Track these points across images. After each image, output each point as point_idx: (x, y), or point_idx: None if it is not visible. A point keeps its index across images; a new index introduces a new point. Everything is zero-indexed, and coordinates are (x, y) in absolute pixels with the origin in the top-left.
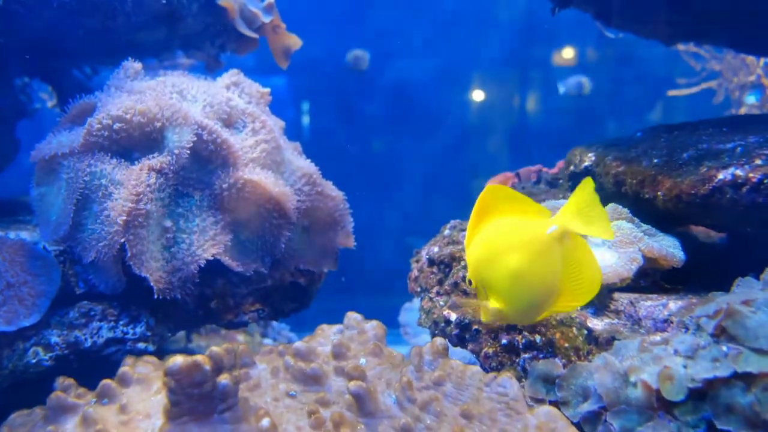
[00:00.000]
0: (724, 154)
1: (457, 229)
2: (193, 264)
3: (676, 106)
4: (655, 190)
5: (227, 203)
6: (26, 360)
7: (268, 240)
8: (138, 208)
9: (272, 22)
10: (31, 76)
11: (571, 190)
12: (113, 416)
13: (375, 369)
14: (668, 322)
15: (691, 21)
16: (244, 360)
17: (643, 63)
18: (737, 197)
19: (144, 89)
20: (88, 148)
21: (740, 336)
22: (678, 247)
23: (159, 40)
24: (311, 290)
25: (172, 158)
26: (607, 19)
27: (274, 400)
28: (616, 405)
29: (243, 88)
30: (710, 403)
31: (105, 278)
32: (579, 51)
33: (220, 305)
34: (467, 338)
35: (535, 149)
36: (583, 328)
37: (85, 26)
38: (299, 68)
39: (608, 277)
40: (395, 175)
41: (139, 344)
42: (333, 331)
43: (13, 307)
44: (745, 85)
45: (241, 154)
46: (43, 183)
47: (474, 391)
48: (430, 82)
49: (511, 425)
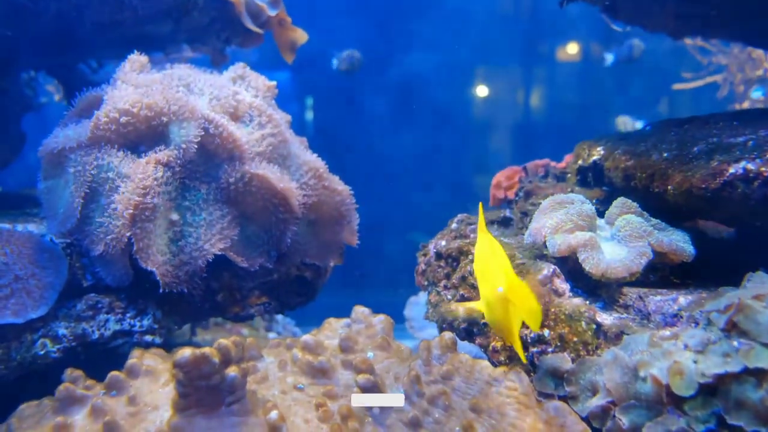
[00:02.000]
0: (735, 147)
1: (465, 223)
2: (201, 259)
3: (681, 102)
4: (665, 184)
5: (234, 197)
6: (34, 352)
7: (274, 234)
8: (145, 202)
9: (278, 16)
10: (37, 70)
11: (579, 184)
12: (122, 408)
13: (383, 363)
14: (678, 316)
15: (699, 14)
16: (251, 353)
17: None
18: (748, 191)
19: (151, 83)
20: (96, 141)
21: (752, 331)
22: (688, 242)
23: (165, 34)
24: (317, 284)
25: (179, 152)
26: (615, 13)
27: (281, 393)
28: (626, 400)
29: (249, 82)
30: (721, 399)
31: (112, 271)
32: (583, 46)
33: (227, 298)
34: (475, 332)
35: (540, 144)
36: (592, 322)
37: (93, 20)
38: (303, 63)
39: (617, 271)
40: (400, 170)
41: (147, 337)
42: (340, 325)
43: (21, 299)
44: (750, 79)
45: (248, 147)
46: (50, 176)
47: (483, 386)
48: (436, 77)
49: (520, 419)
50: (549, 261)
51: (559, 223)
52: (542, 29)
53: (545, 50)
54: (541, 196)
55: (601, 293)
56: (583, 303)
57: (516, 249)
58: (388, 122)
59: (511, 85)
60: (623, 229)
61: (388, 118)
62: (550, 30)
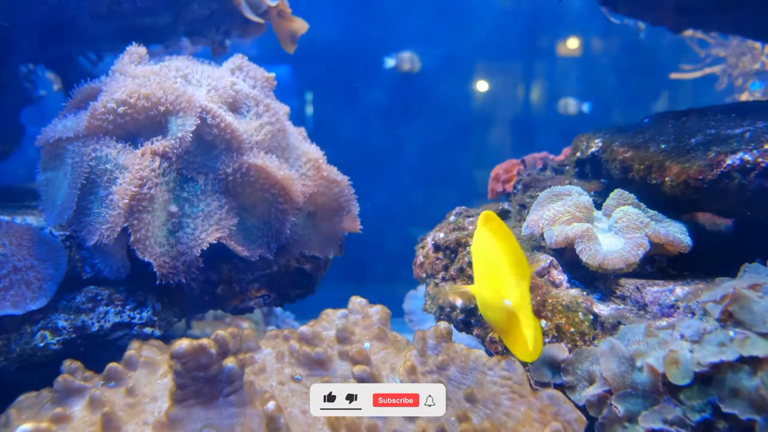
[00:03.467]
0: (732, 139)
1: (463, 215)
2: (196, 248)
3: (681, 96)
4: (662, 175)
5: (232, 188)
6: (33, 343)
7: (273, 225)
8: (142, 192)
9: (278, 7)
10: (35, 63)
11: (578, 176)
12: (120, 399)
13: (379, 353)
14: (675, 307)
15: (698, 6)
16: (249, 344)
17: (648, 52)
18: (746, 182)
19: (148, 74)
20: (93, 132)
21: (747, 320)
22: (685, 233)
23: (164, 26)
24: (316, 276)
25: (176, 142)
26: (614, 6)
27: (279, 384)
28: (622, 389)
29: (248, 73)
30: (716, 387)
31: (109, 263)
32: (584, 40)
33: (226, 291)
34: (473, 323)
35: (539, 138)
36: (589, 313)
37: (91, 11)
38: (302, 56)
39: (614, 262)
40: (399, 164)
41: (146, 329)
42: (337, 316)
43: (20, 291)
44: (749, 72)
45: (246, 137)
46: (48, 168)
47: (478, 375)
48: (435, 71)
49: (514, 408)
50: (547, 252)
51: (557, 214)
52: (542, 23)
53: (545, 44)
54: (539, 188)
55: (599, 284)
56: (580, 294)
57: None
58: (387, 116)
59: (511, 80)
60: (620, 220)
61: (387, 112)
62: (550, 24)
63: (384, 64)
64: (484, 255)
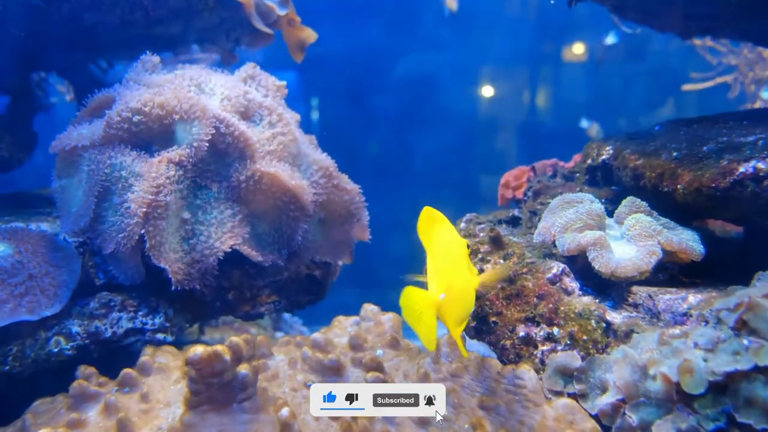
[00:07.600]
0: (745, 147)
1: (473, 222)
2: (212, 256)
3: (689, 102)
4: (674, 183)
5: (244, 195)
6: (48, 349)
7: (284, 232)
8: (158, 200)
9: (287, 16)
10: (47, 71)
11: (588, 183)
12: (135, 404)
13: (392, 360)
14: (688, 315)
15: (708, 13)
16: (262, 351)
17: (656, 58)
18: (759, 190)
19: (162, 82)
20: (109, 140)
21: (761, 329)
22: (698, 241)
23: (175, 34)
24: (326, 282)
25: (191, 150)
26: (624, 13)
27: (292, 391)
28: (635, 398)
29: (260, 81)
30: (731, 397)
31: (124, 269)
32: (590, 46)
33: (237, 297)
34: (485, 330)
35: (546, 145)
36: (602, 321)
37: (104, 21)
38: (310, 63)
39: (627, 270)
40: (407, 170)
41: (158, 335)
42: (350, 323)
43: (36, 297)
44: (761, 79)
45: (258, 146)
46: (64, 175)
47: (491, 383)
48: (442, 77)
49: (528, 417)
50: (558, 260)
51: (569, 221)
52: (550, 29)
53: (552, 50)
54: (549, 195)
55: (611, 292)
56: (592, 301)
57: (525, 248)
58: (394, 122)
59: (519, 86)
60: (633, 228)
61: (395, 118)
62: (557, 30)
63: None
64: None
